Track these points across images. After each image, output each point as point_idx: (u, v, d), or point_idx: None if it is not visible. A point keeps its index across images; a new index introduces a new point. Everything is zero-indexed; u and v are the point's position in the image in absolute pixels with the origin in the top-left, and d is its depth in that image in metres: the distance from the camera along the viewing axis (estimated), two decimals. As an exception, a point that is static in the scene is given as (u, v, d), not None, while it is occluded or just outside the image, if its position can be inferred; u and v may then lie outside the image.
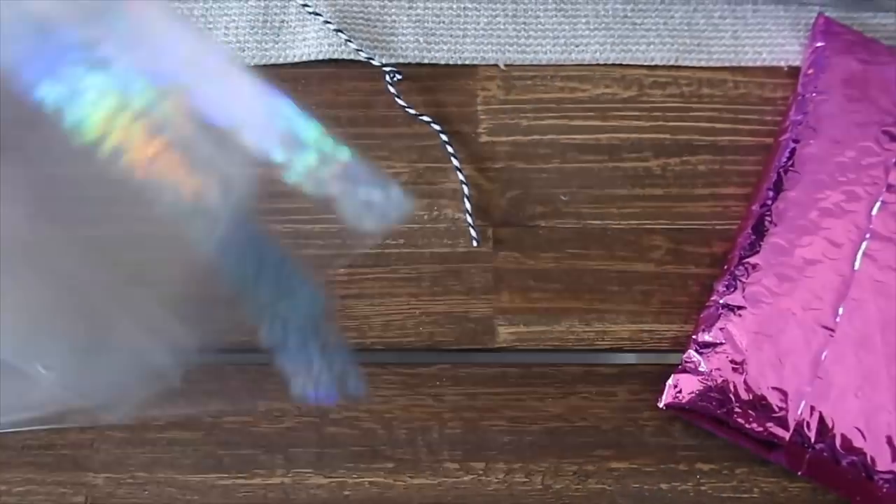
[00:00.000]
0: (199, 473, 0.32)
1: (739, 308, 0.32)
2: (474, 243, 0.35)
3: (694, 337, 0.33)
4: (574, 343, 0.34)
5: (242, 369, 0.33)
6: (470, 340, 0.34)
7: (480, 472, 0.32)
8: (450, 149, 0.36)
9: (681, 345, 0.34)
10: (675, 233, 0.36)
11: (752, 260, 0.33)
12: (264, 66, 0.37)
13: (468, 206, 0.35)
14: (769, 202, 0.34)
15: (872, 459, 0.31)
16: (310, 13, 0.37)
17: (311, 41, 0.37)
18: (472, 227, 0.35)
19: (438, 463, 0.33)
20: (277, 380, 0.33)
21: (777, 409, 0.31)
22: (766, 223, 0.33)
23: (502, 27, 0.38)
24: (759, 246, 0.33)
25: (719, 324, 0.32)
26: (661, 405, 0.33)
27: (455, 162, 0.36)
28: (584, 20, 0.38)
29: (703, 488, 0.32)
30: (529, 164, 0.36)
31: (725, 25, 0.38)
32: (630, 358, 0.34)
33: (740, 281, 0.33)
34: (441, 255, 0.35)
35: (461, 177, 0.35)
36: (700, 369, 0.32)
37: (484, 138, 0.37)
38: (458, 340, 0.34)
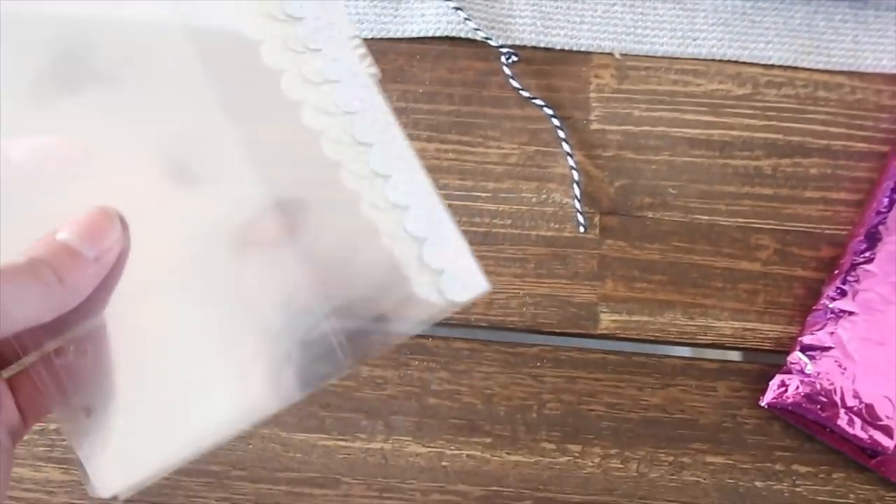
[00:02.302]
0: (302, 432, 0.33)
1: (851, 314, 0.32)
2: (581, 229, 0.35)
3: (800, 339, 0.33)
4: (676, 336, 0.34)
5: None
6: (572, 325, 0.34)
7: (577, 454, 0.33)
8: (561, 133, 0.36)
9: (783, 346, 0.34)
10: (782, 234, 0.35)
11: (867, 267, 0.33)
12: (381, 38, 0.38)
13: (577, 191, 0.35)
14: (884, 210, 0.33)
15: (977, 475, 0.30)
16: (430, -11, 0.38)
17: (430, 17, 0.38)
18: (580, 212, 0.35)
19: (535, 442, 0.33)
20: (381, 348, 0.34)
21: (884, 418, 0.31)
22: (881, 231, 0.33)
23: (620, 16, 0.38)
24: (874, 253, 0.33)
25: (829, 328, 0.32)
26: (763, 404, 0.33)
27: (566, 147, 0.36)
28: (702, 14, 0.38)
29: (798, 490, 0.32)
30: (639, 155, 0.36)
31: (846, 29, 0.38)
32: (732, 355, 0.34)
33: (852, 286, 0.32)
34: (547, 238, 0.35)
35: (571, 162, 0.36)
36: (806, 371, 0.32)
37: (595, 126, 0.37)
38: (559, 324, 0.34)
